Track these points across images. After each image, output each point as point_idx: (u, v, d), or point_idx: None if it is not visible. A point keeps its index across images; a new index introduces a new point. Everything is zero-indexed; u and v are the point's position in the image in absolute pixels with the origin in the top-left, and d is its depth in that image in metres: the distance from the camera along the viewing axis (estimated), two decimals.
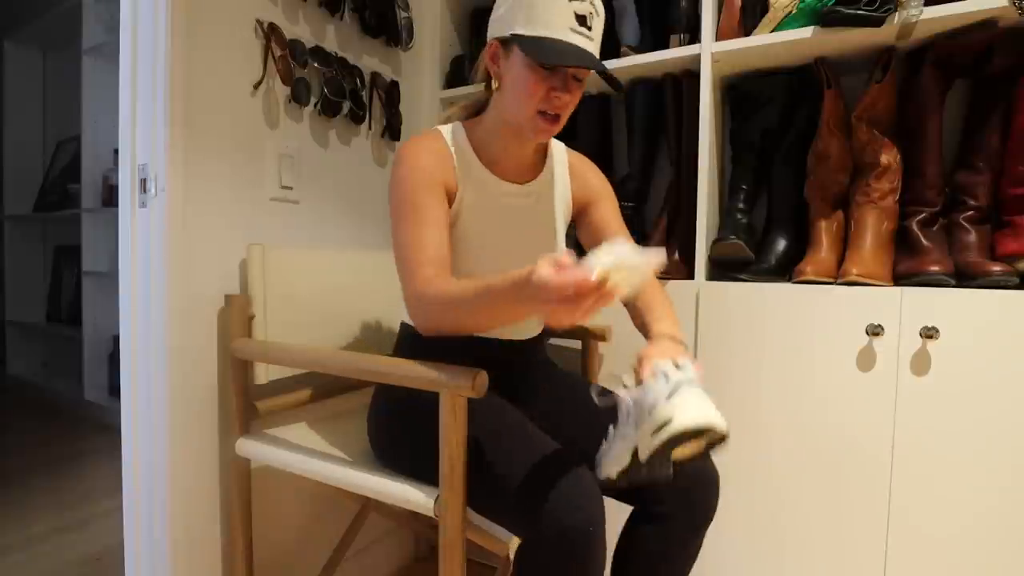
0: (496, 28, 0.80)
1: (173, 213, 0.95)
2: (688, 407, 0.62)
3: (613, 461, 0.72)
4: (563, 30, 0.74)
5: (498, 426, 0.78)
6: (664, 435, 0.61)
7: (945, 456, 0.95)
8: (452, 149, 0.85)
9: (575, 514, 0.66)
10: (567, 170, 0.97)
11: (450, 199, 0.83)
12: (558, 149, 0.97)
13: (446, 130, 0.87)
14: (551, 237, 0.94)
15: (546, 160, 0.93)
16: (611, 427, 0.77)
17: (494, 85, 0.83)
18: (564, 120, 0.81)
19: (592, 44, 0.77)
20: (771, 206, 1.22)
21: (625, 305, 0.90)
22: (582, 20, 0.75)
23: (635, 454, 0.69)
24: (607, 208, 0.97)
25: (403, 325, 0.95)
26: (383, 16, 1.32)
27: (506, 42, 0.79)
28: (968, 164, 1.02)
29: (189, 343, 0.98)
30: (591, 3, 0.76)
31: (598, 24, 0.78)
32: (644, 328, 0.84)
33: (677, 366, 0.67)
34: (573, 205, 0.98)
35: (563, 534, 0.66)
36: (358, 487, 0.83)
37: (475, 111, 0.92)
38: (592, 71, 0.77)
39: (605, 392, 0.76)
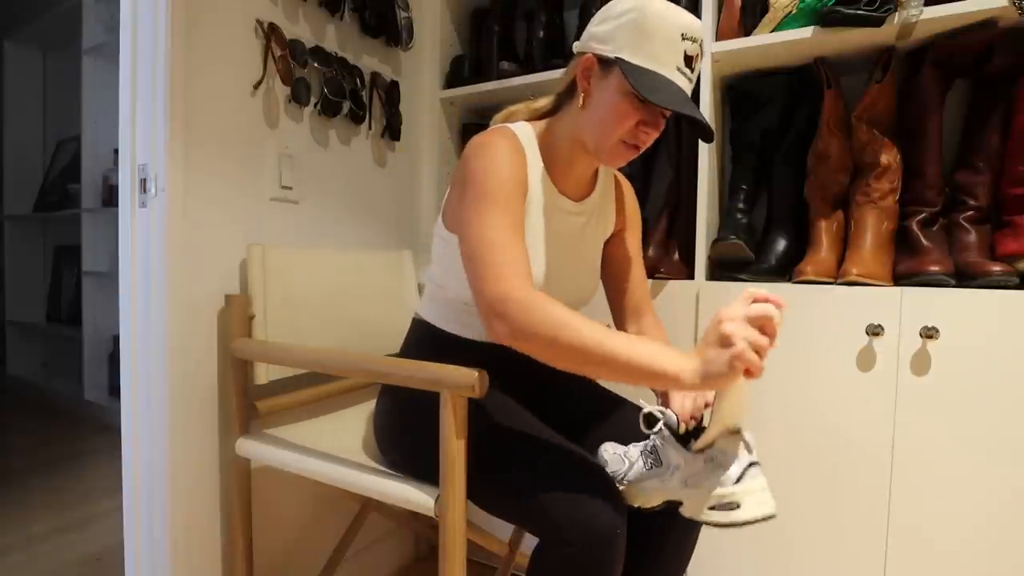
0: (596, 43, 0.75)
1: (173, 213, 0.95)
2: (757, 498, 0.63)
3: (641, 494, 0.73)
4: (670, 68, 0.71)
5: (517, 428, 0.77)
6: (729, 519, 0.63)
7: (945, 456, 0.95)
8: (527, 154, 0.80)
9: (602, 518, 0.66)
10: (613, 192, 0.95)
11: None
12: (607, 169, 0.95)
13: (517, 130, 0.81)
14: (595, 259, 0.94)
15: (597, 179, 0.91)
16: (635, 449, 0.76)
17: (580, 103, 0.78)
18: (642, 151, 0.79)
19: (689, 85, 0.75)
20: (771, 206, 1.22)
21: None
22: (688, 61, 0.73)
23: (671, 502, 0.70)
24: (635, 237, 0.97)
25: (416, 320, 0.93)
26: (383, 16, 1.32)
27: (606, 62, 0.74)
28: (968, 164, 1.02)
29: (189, 343, 0.98)
30: (700, 45, 0.74)
31: (699, 66, 0.75)
32: None
33: (747, 445, 0.66)
34: (612, 227, 0.97)
35: (591, 538, 0.66)
36: (358, 487, 0.83)
37: (540, 115, 0.87)
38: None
39: (652, 422, 0.75)
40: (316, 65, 1.18)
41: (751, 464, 0.65)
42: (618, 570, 0.69)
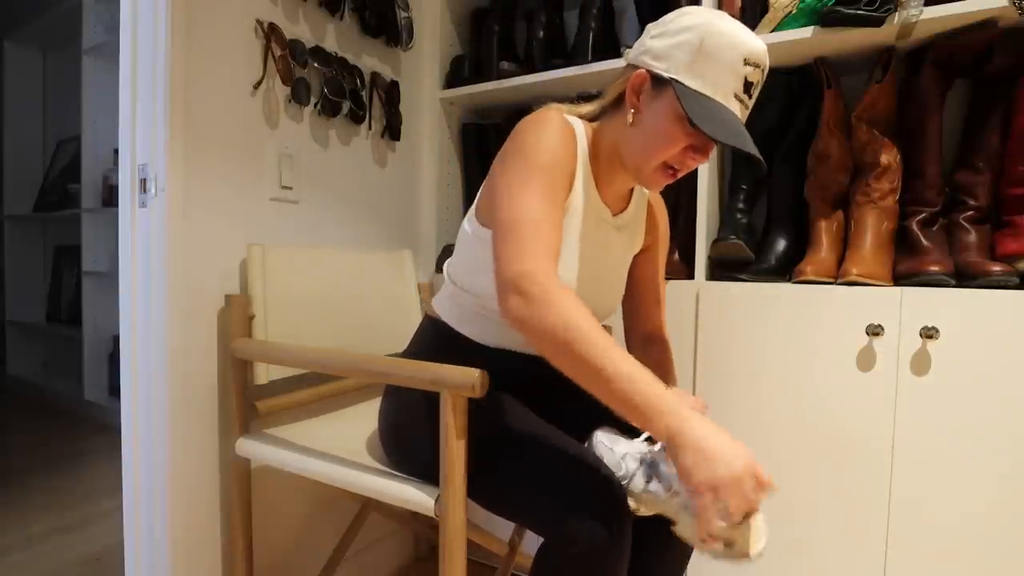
0: (650, 59, 0.72)
1: (173, 213, 0.95)
2: (752, 536, 0.62)
3: (638, 503, 0.72)
4: (728, 96, 0.68)
5: (521, 427, 0.77)
6: (724, 555, 0.62)
7: (945, 456, 0.95)
8: (579, 143, 0.77)
9: (608, 514, 0.66)
10: (647, 208, 0.93)
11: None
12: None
13: (575, 122, 0.77)
14: (624, 275, 0.92)
15: (632, 194, 0.89)
16: (631, 457, 0.75)
17: (628, 119, 0.74)
18: (681, 175, 0.75)
19: (745, 112, 0.71)
20: (771, 206, 1.22)
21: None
22: (748, 87, 0.69)
23: (670, 517, 0.70)
24: (661, 255, 0.96)
25: (429, 317, 0.92)
26: (383, 16, 1.32)
27: (659, 80, 0.71)
28: (968, 164, 1.02)
29: (189, 343, 0.98)
30: (762, 71, 0.70)
31: (758, 91, 0.72)
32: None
33: None
34: (642, 244, 0.95)
35: (597, 534, 0.66)
36: (358, 487, 0.83)
37: (590, 118, 0.83)
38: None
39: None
40: (316, 65, 1.18)
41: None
42: (624, 569, 0.69)
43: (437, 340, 0.88)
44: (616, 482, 0.72)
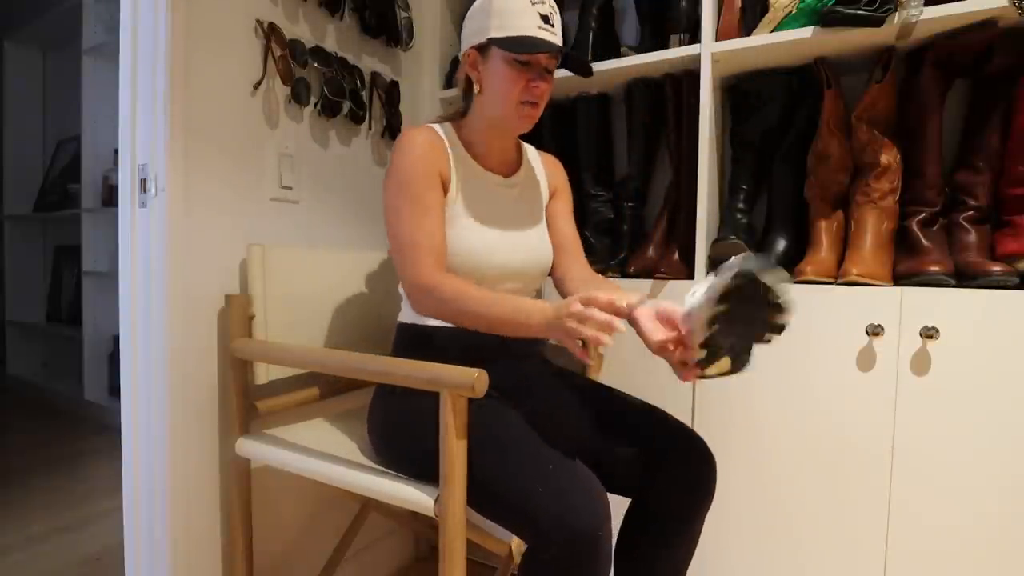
0: (470, 40, 0.90)
1: (173, 213, 0.95)
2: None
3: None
4: (532, 29, 0.85)
5: (501, 429, 0.78)
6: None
7: (945, 456, 0.95)
8: (446, 141, 0.92)
9: (583, 517, 0.67)
10: (542, 165, 1.08)
11: (445, 187, 0.90)
12: (529, 148, 1.08)
13: (434, 125, 0.94)
14: (539, 223, 1.02)
15: (522, 157, 1.03)
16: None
17: (476, 89, 0.91)
18: (542, 108, 0.91)
19: (556, 38, 0.88)
20: (771, 206, 1.22)
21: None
22: (545, 19, 0.86)
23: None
24: (565, 202, 1.07)
25: (400, 325, 0.96)
26: (383, 16, 1.32)
27: (483, 48, 0.88)
28: (968, 164, 1.02)
29: (189, 343, 0.98)
30: (549, 5, 0.88)
31: (557, 21, 0.89)
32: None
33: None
34: (548, 193, 1.07)
35: (572, 538, 0.66)
36: (358, 487, 0.83)
37: (455, 117, 0.99)
38: (560, 66, 0.91)
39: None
40: (316, 65, 1.18)
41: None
42: (607, 564, 0.69)
43: (410, 339, 0.93)
44: (594, 482, 0.72)
